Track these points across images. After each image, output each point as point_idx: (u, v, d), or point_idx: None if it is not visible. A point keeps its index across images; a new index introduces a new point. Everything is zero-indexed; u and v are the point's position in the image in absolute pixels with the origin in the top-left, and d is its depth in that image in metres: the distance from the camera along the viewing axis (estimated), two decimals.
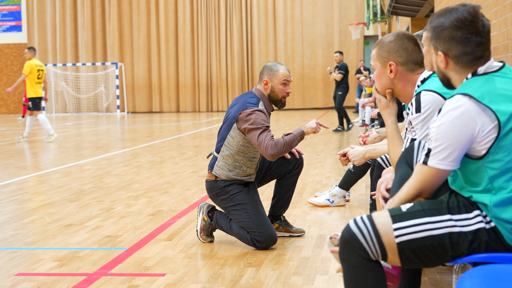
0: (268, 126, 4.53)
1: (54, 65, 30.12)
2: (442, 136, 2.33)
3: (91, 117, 26.90)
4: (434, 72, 3.17)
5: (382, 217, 2.40)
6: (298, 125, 18.51)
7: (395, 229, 2.36)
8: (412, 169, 2.69)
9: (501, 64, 2.45)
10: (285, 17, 29.70)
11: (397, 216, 2.38)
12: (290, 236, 4.92)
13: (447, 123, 2.32)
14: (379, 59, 3.14)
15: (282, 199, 4.94)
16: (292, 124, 18.81)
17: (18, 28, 31.79)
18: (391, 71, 3.10)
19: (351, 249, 2.39)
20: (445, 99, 2.99)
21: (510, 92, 2.37)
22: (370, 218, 2.40)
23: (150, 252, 4.52)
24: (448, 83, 2.52)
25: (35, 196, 6.99)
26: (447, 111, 2.34)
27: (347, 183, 6.00)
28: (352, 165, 5.92)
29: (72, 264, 4.24)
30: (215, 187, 4.70)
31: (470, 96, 2.32)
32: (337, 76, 15.67)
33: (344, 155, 4.29)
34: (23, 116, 24.63)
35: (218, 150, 4.70)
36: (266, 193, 6.48)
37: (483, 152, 2.32)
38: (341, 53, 16.04)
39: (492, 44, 6.99)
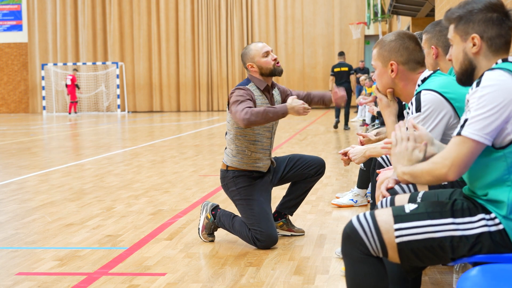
0: (247, 99, 4.49)
1: (55, 64, 30.13)
2: (484, 105, 2.24)
3: (92, 117, 26.90)
4: (434, 72, 3.17)
5: (384, 215, 2.40)
6: (299, 124, 18.51)
7: (396, 229, 2.36)
8: None
9: None
10: (286, 16, 29.71)
11: (399, 216, 2.38)
12: (292, 235, 4.93)
13: (491, 93, 2.25)
14: (380, 59, 3.14)
15: (293, 200, 4.94)
16: (292, 123, 18.81)
17: (18, 28, 31.80)
18: (392, 71, 3.10)
19: (352, 244, 2.40)
20: (445, 98, 2.99)
21: None
22: (372, 215, 2.40)
23: (151, 251, 4.52)
24: (470, 74, 2.44)
25: (35, 195, 6.99)
26: (491, 82, 2.27)
27: (363, 181, 6.06)
28: (362, 164, 5.95)
29: (73, 264, 4.24)
30: (225, 177, 4.72)
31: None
32: (329, 80, 16.41)
33: (345, 154, 4.29)
34: (69, 113, 27.93)
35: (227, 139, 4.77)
36: (274, 189, 6.46)
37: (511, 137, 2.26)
38: (338, 54, 16.64)
39: None
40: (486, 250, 2.31)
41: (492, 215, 2.32)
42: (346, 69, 16.12)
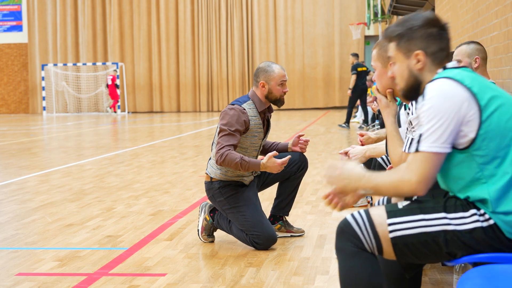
0: (236, 130, 4.49)
1: (55, 64, 30.13)
2: (433, 117, 2.30)
3: (92, 117, 26.91)
4: None
5: (378, 210, 2.42)
6: (299, 125, 18.51)
7: (390, 224, 2.37)
8: None
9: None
10: (286, 17, 29.70)
11: (392, 211, 2.39)
12: (292, 236, 4.92)
13: (437, 104, 2.30)
14: (380, 59, 3.14)
15: (285, 200, 4.93)
16: (292, 124, 18.81)
17: (19, 28, 31.80)
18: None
19: (345, 238, 2.40)
20: None
21: (481, 79, 2.40)
22: (366, 211, 2.42)
23: (151, 252, 4.52)
24: (416, 90, 2.49)
25: (35, 196, 6.99)
26: (434, 93, 2.32)
27: None
28: (362, 164, 5.94)
29: (73, 264, 4.24)
30: (211, 188, 4.68)
31: (453, 79, 2.35)
32: (352, 80, 16.74)
33: (346, 154, 4.30)
34: (115, 111, 28.77)
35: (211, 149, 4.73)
36: (267, 193, 6.48)
37: (471, 135, 2.30)
38: (354, 55, 17.11)
39: (492, 44, 6.99)
40: (481, 246, 2.32)
41: (482, 211, 2.34)
42: (365, 68, 16.96)
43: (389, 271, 2.80)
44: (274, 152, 4.46)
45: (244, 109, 4.58)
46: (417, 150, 2.31)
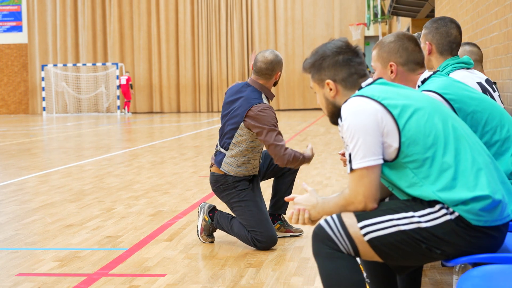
0: (277, 125, 4.59)
1: (55, 65, 30.14)
2: (353, 135, 2.38)
3: (92, 118, 26.92)
4: (435, 72, 3.17)
5: (348, 214, 2.44)
6: (299, 125, 18.52)
7: (361, 228, 2.39)
8: None
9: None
10: (286, 18, 29.73)
11: (361, 215, 2.42)
12: (291, 236, 4.93)
13: (352, 122, 2.39)
14: (380, 60, 3.14)
15: (282, 198, 4.95)
16: (292, 124, 18.82)
17: (18, 29, 31.81)
18: (391, 72, 3.10)
19: (320, 241, 2.42)
20: (445, 99, 3.00)
21: (394, 89, 2.49)
22: (338, 215, 2.45)
23: (151, 252, 4.52)
24: (338, 114, 2.55)
25: (35, 196, 6.99)
26: (348, 113, 2.41)
27: None
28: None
29: (73, 265, 4.24)
30: (224, 181, 4.67)
31: (363, 95, 2.44)
32: None
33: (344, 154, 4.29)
34: (122, 112, 29.25)
35: (225, 147, 4.68)
36: (267, 193, 6.48)
37: (395, 145, 2.37)
38: None
39: (492, 44, 6.99)
40: (458, 239, 2.33)
41: (446, 205, 2.36)
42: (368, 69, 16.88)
43: (375, 273, 2.80)
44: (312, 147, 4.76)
45: (268, 104, 4.69)
46: (352, 170, 2.39)
